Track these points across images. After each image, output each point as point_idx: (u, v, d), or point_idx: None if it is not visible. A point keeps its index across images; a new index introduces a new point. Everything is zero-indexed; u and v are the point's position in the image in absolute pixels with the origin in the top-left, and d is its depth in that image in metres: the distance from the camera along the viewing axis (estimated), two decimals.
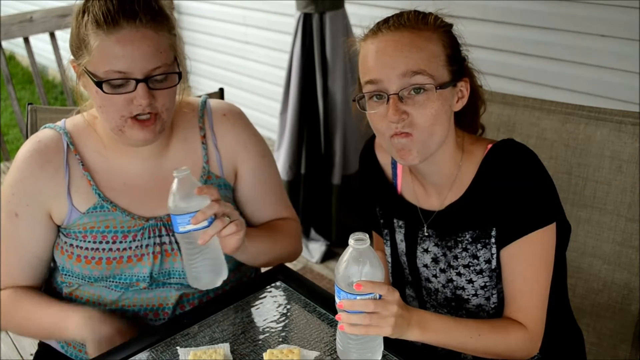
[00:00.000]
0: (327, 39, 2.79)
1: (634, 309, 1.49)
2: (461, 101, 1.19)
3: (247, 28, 4.06)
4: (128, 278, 1.32)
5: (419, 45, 1.11)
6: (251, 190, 1.46)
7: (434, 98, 1.11)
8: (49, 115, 1.63)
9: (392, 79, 1.10)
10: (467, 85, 1.19)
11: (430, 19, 1.15)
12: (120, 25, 1.16)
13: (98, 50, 1.17)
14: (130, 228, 1.31)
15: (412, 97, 1.11)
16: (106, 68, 1.18)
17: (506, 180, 1.16)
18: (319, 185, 3.04)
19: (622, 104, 2.31)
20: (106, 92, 1.19)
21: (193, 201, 1.17)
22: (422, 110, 1.11)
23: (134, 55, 1.17)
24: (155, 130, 1.24)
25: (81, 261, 1.30)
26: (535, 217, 1.15)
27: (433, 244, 1.27)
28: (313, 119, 2.94)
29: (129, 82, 1.18)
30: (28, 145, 1.33)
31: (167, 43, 1.22)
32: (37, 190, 1.30)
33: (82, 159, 1.33)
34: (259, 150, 1.46)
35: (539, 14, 2.50)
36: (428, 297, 1.34)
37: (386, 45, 1.12)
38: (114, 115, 1.22)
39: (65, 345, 1.39)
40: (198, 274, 1.23)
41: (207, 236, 1.16)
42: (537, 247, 1.16)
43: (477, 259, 1.21)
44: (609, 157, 1.49)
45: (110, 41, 1.16)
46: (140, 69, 1.18)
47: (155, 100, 1.21)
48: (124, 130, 1.23)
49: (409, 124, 1.11)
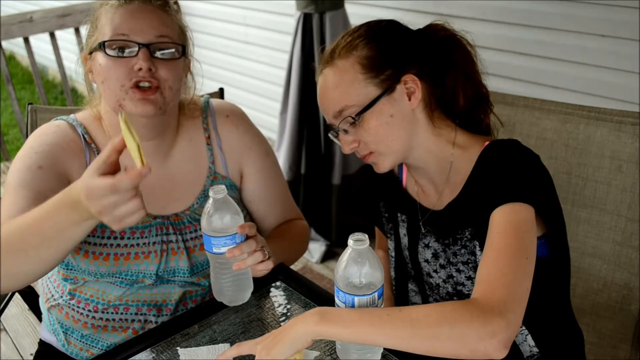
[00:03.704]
0: (327, 39, 2.80)
1: (634, 309, 1.49)
2: (414, 96, 1.19)
3: (247, 28, 4.06)
4: (134, 275, 1.32)
5: (335, 83, 1.19)
6: (258, 189, 1.47)
7: (367, 119, 1.17)
8: (49, 115, 1.63)
9: (332, 121, 1.22)
10: (413, 80, 1.18)
11: (338, 49, 1.20)
12: (132, 2, 1.24)
13: (106, 20, 1.24)
14: (138, 224, 1.32)
15: (352, 127, 1.19)
16: (111, 32, 1.22)
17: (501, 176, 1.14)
18: (319, 185, 3.04)
19: (622, 104, 2.31)
20: (109, 54, 1.21)
21: (228, 223, 1.16)
22: (365, 133, 1.18)
23: (140, 22, 1.23)
24: (156, 102, 1.23)
25: (88, 257, 1.30)
26: (513, 191, 1.10)
27: (434, 239, 1.28)
28: (313, 119, 2.95)
29: (131, 46, 1.22)
30: (46, 127, 1.33)
31: (175, 23, 1.28)
32: (63, 159, 1.28)
33: (97, 149, 1.34)
34: (263, 150, 1.48)
35: (539, 14, 2.50)
36: (430, 292, 1.34)
37: (319, 91, 1.23)
38: (115, 86, 1.22)
39: (66, 343, 1.39)
40: (225, 289, 1.23)
41: (244, 265, 1.18)
42: (506, 216, 1.08)
43: (474, 255, 1.21)
44: (609, 157, 1.49)
45: (119, 12, 1.23)
46: (144, 35, 1.22)
47: (157, 70, 1.23)
48: (124, 104, 1.23)
49: (364, 147, 1.21)
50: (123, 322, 1.35)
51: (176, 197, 1.37)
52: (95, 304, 1.33)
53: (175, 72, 1.27)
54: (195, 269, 1.37)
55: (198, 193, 1.39)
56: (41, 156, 1.26)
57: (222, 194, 1.15)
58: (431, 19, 1.23)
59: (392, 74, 1.17)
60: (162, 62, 1.24)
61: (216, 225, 1.16)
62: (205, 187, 1.39)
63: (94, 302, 1.33)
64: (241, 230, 1.16)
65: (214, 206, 1.16)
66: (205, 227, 1.16)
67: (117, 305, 1.33)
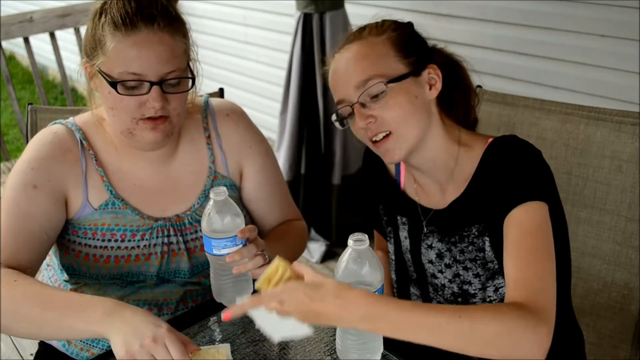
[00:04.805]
0: (327, 39, 2.80)
1: (634, 309, 1.49)
2: (435, 87, 1.21)
3: (247, 28, 4.07)
4: (135, 276, 1.32)
5: (364, 53, 1.18)
6: (258, 189, 1.47)
7: (394, 94, 1.16)
8: (49, 115, 1.63)
9: (350, 94, 1.18)
10: (436, 71, 1.21)
11: (371, 27, 1.22)
12: (138, 28, 1.18)
13: (114, 52, 1.18)
14: (140, 227, 1.32)
15: (373, 101, 1.17)
16: (121, 69, 1.18)
17: (506, 172, 1.15)
18: (319, 185, 3.04)
19: (622, 104, 2.31)
20: (120, 93, 1.19)
21: (229, 225, 1.16)
22: (387, 108, 1.16)
23: (150, 58, 1.18)
24: (165, 132, 1.24)
25: (89, 259, 1.30)
26: (528, 190, 1.12)
27: (437, 239, 1.28)
28: (313, 119, 2.95)
29: (142, 84, 1.19)
30: (44, 135, 1.32)
31: (182, 48, 1.24)
32: (58, 172, 1.28)
33: (95, 155, 1.33)
34: (263, 149, 1.48)
35: (539, 14, 2.50)
36: (434, 294, 1.34)
37: (338, 66, 1.21)
38: (125, 118, 1.22)
39: (67, 343, 1.39)
40: (224, 290, 1.23)
41: (244, 269, 1.18)
42: (531, 217, 1.10)
43: (482, 252, 1.21)
44: (609, 157, 1.49)
45: (127, 43, 1.18)
46: (155, 72, 1.19)
47: (168, 103, 1.22)
48: (134, 132, 1.24)
49: (381, 124, 1.17)
50: None
51: (177, 198, 1.38)
52: None
53: (184, 100, 1.27)
54: (195, 269, 1.37)
55: (199, 193, 1.39)
56: (37, 173, 1.26)
57: (222, 196, 1.15)
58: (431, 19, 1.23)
59: (419, 60, 1.20)
60: (172, 95, 1.23)
61: (217, 227, 1.16)
62: (205, 187, 1.39)
63: None
64: (242, 235, 1.16)
65: (215, 208, 1.16)
66: (206, 229, 1.16)
67: None
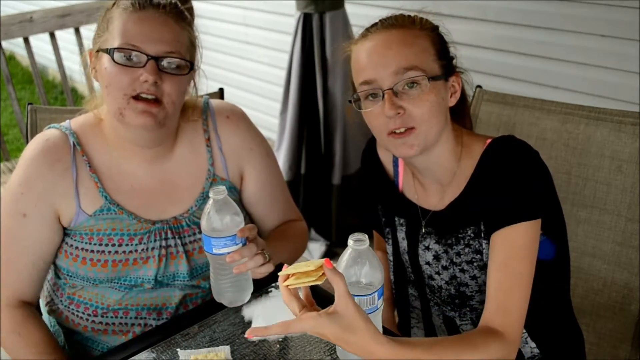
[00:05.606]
0: (327, 39, 2.79)
1: (634, 309, 1.49)
2: (454, 96, 1.21)
3: (247, 28, 4.06)
4: (133, 280, 1.32)
5: (408, 41, 1.15)
6: (259, 191, 1.46)
7: (428, 91, 1.13)
8: (49, 115, 1.63)
9: (385, 77, 1.13)
10: (458, 80, 1.22)
11: (416, 19, 1.20)
12: (146, 9, 1.23)
13: (118, 26, 1.22)
14: (137, 231, 1.31)
15: (406, 91, 1.13)
16: (122, 40, 1.21)
17: (503, 174, 1.15)
18: (319, 185, 3.04)
19: (622, 104, 2.31)
20: (117, 61, 1.21)
21: (229, 224, 1.16)
22: (418, 102, 1.13)
23: (153, 35, 1.22)
24: (156, 118, 1.23)
25: (86, 264, 1.30)
26: (523, 209, 1.13)
27: (434, 241, 1.27)
28: (313, 119, 2.94)
29: (140, 58, 1.21)
30: (35, 144, 1.32)
31: (185, 37, 1.27)
32: (46, 190, 1.28)
33: (88, 160, 1.32)
34: (264, 151, 1.47)
35: (539, 14, 2.50)
36: (432, 295, 1.34)
37: (376, 45, 1.16)
38: (118, 94, 1.22)
39: (67, 344, 1.39)
40: (224, 291, 1.23)
41: (244, 268, 1.18)
42: (522, 239, 1.12)
43: (480, 254, 1.21)
44: (609, 157, 1.49)
45: (132, 18, 1.22)
46: (154, 47, 1.21)
47: (162, 83, 1.22)
48: (124, 113, 1.22)
49: (408, 118, 1.14)
50: (123, 325, 1.34)
51: (175, 200, 1.37)
52: (95, 308, 1.33)
53: (180, 86, 1.26)
54: (194, 272, 1.36)
55: (197, 195, 1.38)
56: (27, 197, 1.28)
57: (222, 195, 1.15)
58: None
59: (448, 66, 1.20)
60: (168, 75, 1.22)
61: (216, 226, 1.15)
62: (204, 190, 1.38)
63: (93, 306, 1.33)
64: (241, 235, 1.16)
65: (214, 207, 1.15)
66: (205, 228, 1.16)
67: (117, 309, 1.33)
